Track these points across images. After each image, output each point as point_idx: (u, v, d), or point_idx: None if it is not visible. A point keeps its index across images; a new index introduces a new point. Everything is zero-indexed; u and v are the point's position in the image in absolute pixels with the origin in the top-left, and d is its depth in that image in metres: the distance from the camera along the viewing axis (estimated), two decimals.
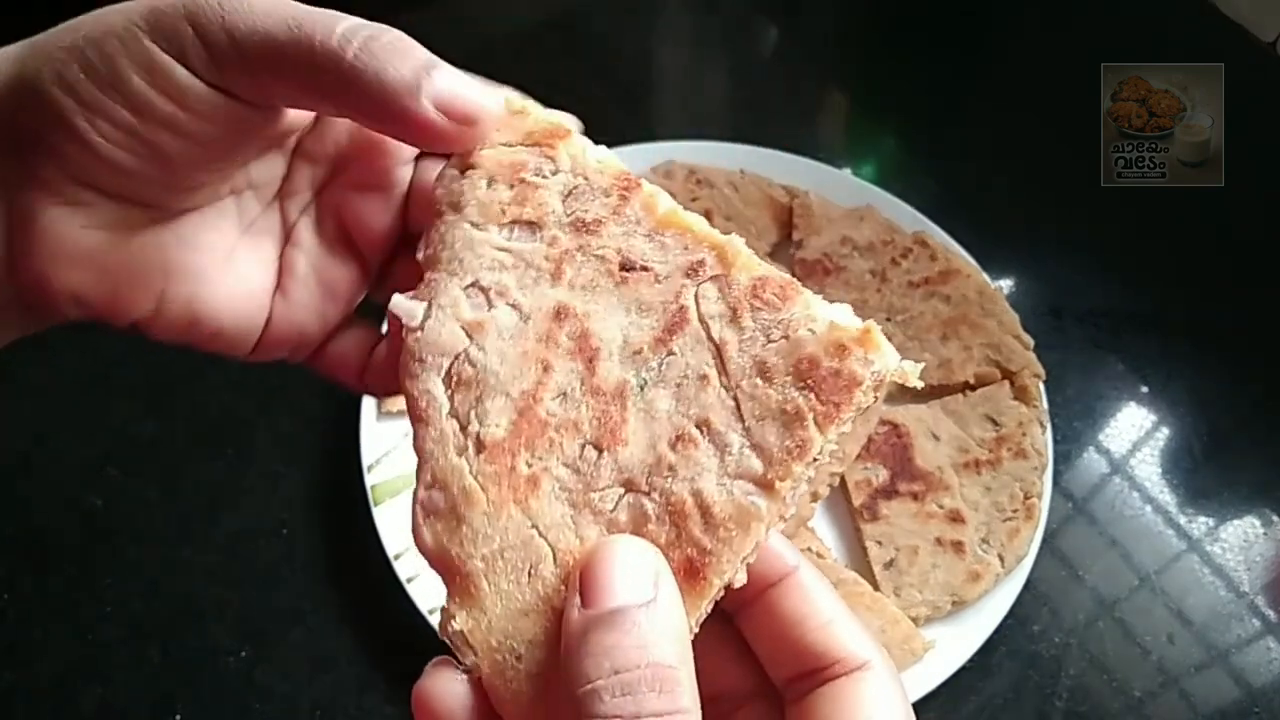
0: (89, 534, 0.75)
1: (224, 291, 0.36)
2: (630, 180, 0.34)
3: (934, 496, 0.77)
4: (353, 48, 0.31)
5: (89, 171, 0.31)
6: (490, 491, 0.31)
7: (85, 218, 0.32)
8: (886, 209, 0.92)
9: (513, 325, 0.33)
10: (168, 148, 0.32)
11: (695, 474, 0.29)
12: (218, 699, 0.69)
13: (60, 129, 0.31)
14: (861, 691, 0.30)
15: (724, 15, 1.22)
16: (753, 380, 0.30)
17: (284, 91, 0.32)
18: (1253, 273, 0.97)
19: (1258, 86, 1.02)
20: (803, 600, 0.32)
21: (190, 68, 0.31)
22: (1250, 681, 0.73)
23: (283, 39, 0.30)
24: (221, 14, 0.30)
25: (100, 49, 0.30)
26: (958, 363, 0.83)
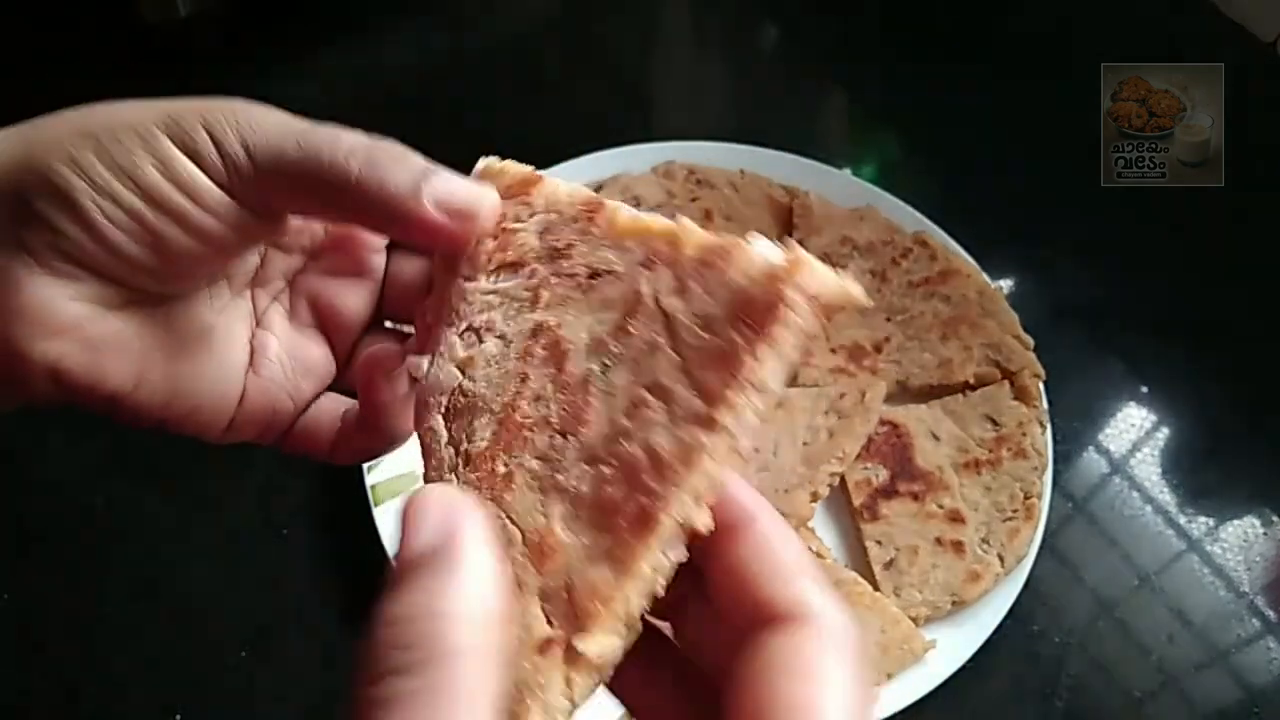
0: (89, 534, 0.75)
1: (200, 367, 0.37)
2: (594, 202, 0.35)
3: (934, 496, 0.77)
4: (357, 161, 0.33)
5: (85, 251, 0.32)
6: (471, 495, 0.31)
7: (71, 290, 0.32)
8: (886, 209, 0.92)
9: (497, 352, 0.34)
10: (170, 238, 0.33)
11: (648, 431, 0.29)
12: (218, 699, 0.69)
13: (65, 207, 0.31)
14: (791, 645, 0.26)
15: (724, 15, 1.22)
16: (698, 335, 0.30)
17: (292, 203, 0.35)
18: (1253, 273, 0.97)
19: (1258, 86, 1.02)
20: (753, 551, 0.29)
21: (204, 169, 0.32)
22: (1250, 681, 0.73)
23: (293, 156, 0.33)
24: (237, 127, 0.33)
25: (116, 138, 0.32)
26: (958, 363, 0.83)
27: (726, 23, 1.21)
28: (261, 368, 0.39)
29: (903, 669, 0.69)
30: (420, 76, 1.08)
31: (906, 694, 0.68)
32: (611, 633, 0.28)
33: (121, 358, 0.34)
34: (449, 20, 1.12)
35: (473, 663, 0.23)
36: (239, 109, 0.33)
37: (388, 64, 1.09)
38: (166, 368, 0.36)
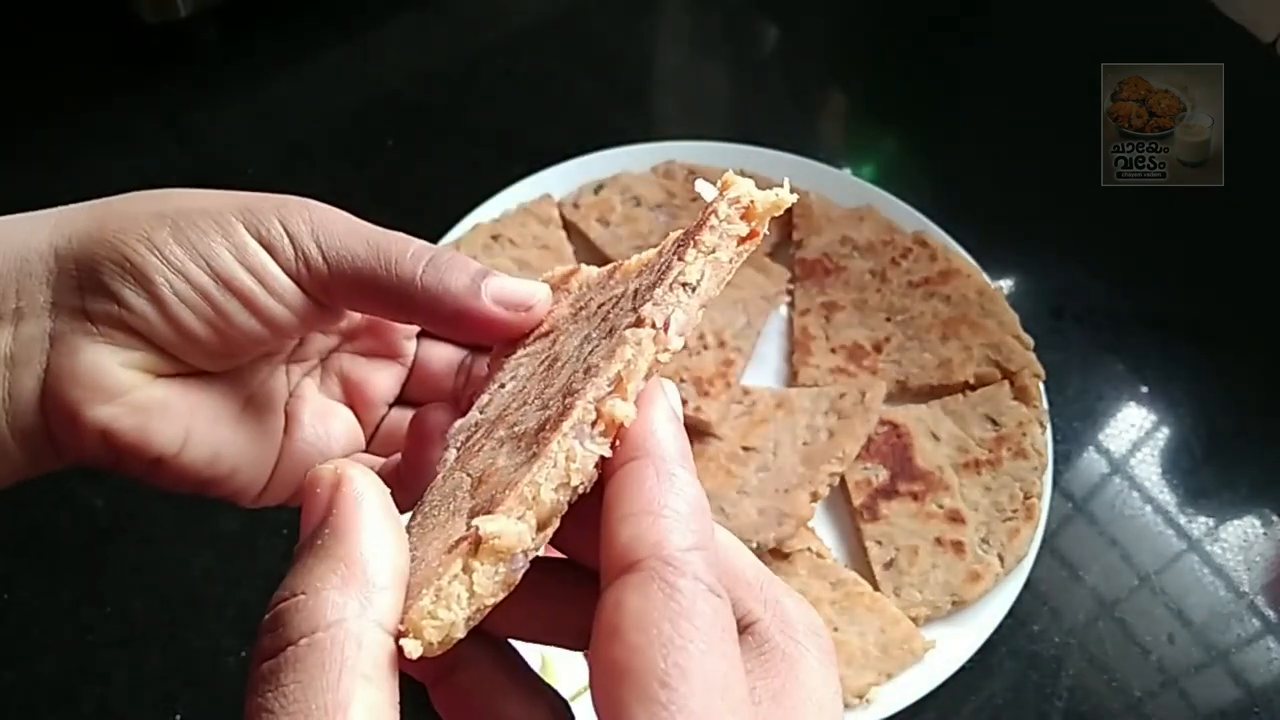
0: (90, 534, 0.75)
1: (240, 432, 0.39)
2: (616, 265, 0.37)
3: (934, 496, 0.77)
4: (421, 265, 0.35)
5: (145, 323, 0.34)
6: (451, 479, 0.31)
7: (123, 357, 0.34)
8: (886, 209, 0.92)
9: (511, 388, 0.35)
10: (234, 317, 0.35)
11: (592, 358, 0.29)
12: (218, 699, 0.69)
13: (134, 281, 0.33)
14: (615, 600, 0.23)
15: (724, 15, 1.22)
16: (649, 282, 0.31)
17: (355, 302, 0.37)
18: (1253, 273, 0.97)
19: (1258, 86, 1.02)
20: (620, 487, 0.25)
21: (277, 260, 0.35)
22: (1250, 681, 0.73)
23: (363, 258, 0.35)
24: (311, 224, 0.35)
25: (193, 222, 0.34)
26: (958, 363, 0.83)
27: (726, 23, 1.21)
28: (296, 433, 0.41)
29: (903, 669, 0.69)
30: (420, 76, 1.08)
31: (907, 694, 0.69)
32: (513, 516, 0.25)
33: (167, 422, 0.36)
34: (449, 20, 1.12)
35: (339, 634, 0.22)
36: (314, 209, 0.35)
37: (388, 64, 1.09)
38: (209, 432, 0.37)
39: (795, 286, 0.89)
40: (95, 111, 1.00)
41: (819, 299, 0.88)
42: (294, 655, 0.21)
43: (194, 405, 0.37)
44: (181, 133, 1.01)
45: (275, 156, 1.00)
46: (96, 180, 0.96)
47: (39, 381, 0.33)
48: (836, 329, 0.86)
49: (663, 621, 0.21)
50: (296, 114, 1.05)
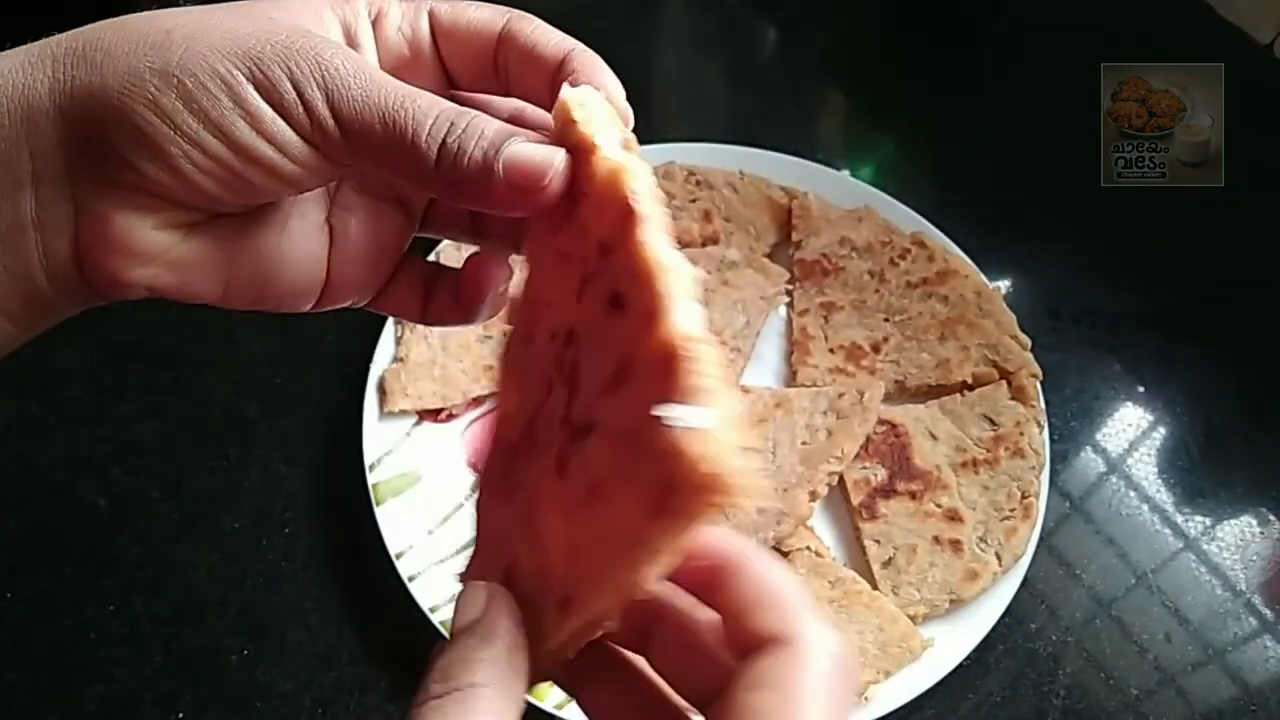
0: (91, 533, 0.76)
1: (284, 265, 0.38)
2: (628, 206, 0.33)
3: (932, 495, 0.77)
4: (437, 143, 0.32)
5: (166, 189, 0.33)
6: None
7: (157, 219, 0.34)
8: (885, 210, 0.92)
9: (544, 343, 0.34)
10: (255, 181, 0.33)
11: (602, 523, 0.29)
12: (219, 697, 0.69)
13: (150, 154, 0.32)
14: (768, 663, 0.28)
15: (724, 16, 1.22)
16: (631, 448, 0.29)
17: (369, 165, 0.34)
18: (1252, 273, 0.97)
19: (1257, 86, 1.02)
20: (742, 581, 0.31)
21: (291, 124, 0.32)
22: (1247, 680, 0.74)
23: (380, 131, 0.32)
24: (325, 87, 0.32)
25: (202, 85, 0.31)
26: (955, 363, 0.84)
27: (725, 24, 1.21)
28: (343, 247, 0.40)
29: (900, 667, 0.70)
30: None
31: (904, 692, 0.69)
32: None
33: (207, 273, 0.36)
34: None
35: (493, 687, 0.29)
36: (326, 63, 0.32)
37: None
38: (252, 271, 0.37)
39: (794, 287, 0.90)
40: None
41: (817, 299, 0.88)
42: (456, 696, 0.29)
43: (233, 252, 0.36)
44: None
45: None
46: None
47: (72, 245, 0.33)
48: (835, 329, 0.87)
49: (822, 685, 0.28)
50: None
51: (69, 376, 0.84)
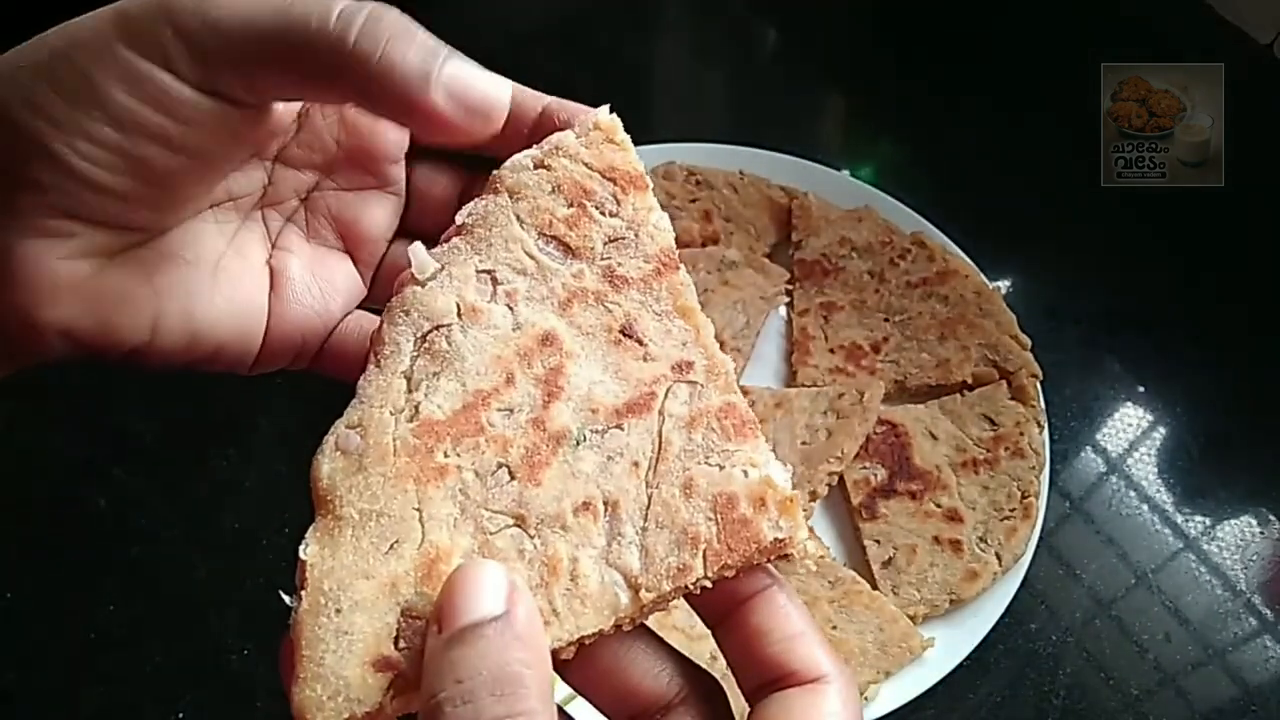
0: (92, 533, 0.76)
1: (219, 304, 0.34)
2: (671, 259, 0.34)
3: (932, 495, 0.77)
4: (354, 31, 0.29)
5: (69, 198, 0.29)
6: (400, 459, 0.31)
7: (65, 248, 0.30)
8: (885, 210, 0.92)
9: (503, 326, 0.33)
10: (154, 162, 0.30)
11: (581, 543, 0.30)
12: (220, 697, 0.69)
13: (35, 156, 0.28)
14: (809, 703, 0.30)
15: (724, 18, 1.22)
16: (673, 489, 0.31)
17: (280, 83, 0.30)
18: (1251, 273, 0.97)
19: (1257, 87, 1.02)
20: (770, 615, 0.32)
21: (175, 72, 0.29)
22: (1247, 679, 0.74)
23: (274, 26, 0.28)
24: (201, 9, 0.28)
25: (70, 63, 0.28)
26: (955, 363, 0.84)
27: (726, 26, 1.21)
28: (284, 290, 0.36)
29: (901, 667, 0.70)
30: None
31: (905, 691, 0.69)
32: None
33: (132, 310, 0.32)
34: (449, 22, 1.11)
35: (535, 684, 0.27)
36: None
37: None
38: (182, 310, 0.33)
39: (794, 287, 0.90)
40: None
41: (817, 299, 0.88)
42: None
43: (158, 286, 0.32)
44: None
45: None
46: None
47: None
48: (835, 329, 0.87)
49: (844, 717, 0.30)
50: None
51: (69, 377, 0.84)
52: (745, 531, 0.30)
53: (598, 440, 0.32)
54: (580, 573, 0.30)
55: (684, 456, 0.31)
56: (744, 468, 0.31)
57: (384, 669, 0.29)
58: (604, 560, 0.30)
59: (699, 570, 0.30)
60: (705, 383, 0.32)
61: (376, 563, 0.30)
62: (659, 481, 0.31)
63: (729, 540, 0.30)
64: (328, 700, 0.29)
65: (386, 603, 0.29)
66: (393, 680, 0.29)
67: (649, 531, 0.30)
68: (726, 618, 0.33)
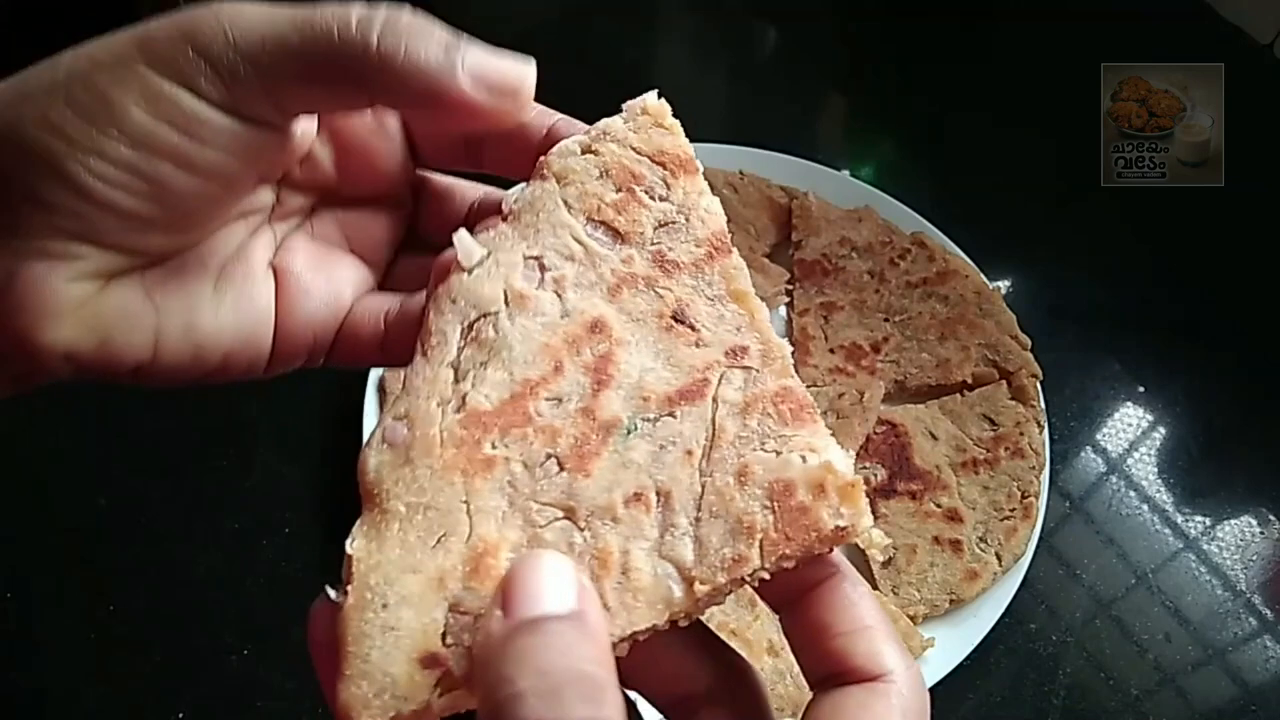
0: (92, 533, 0.76)
1: (222, 314, 0.34)
2: (723, 243, 0.34)
3: (932, 495, 0.77)
4: (375, 33, 0.29)
5: (80, 220, 0.29)
6: (448, 451, 0.31)
7: (70, 270, 0.30)
8: (885, 210, 0.92)
9: (551, 314, 0.32)
10: (170, 183, 0.29)
11: (632, 535, 0.29)
12: (221, 697, 0.69)
13: (49, 176, 0.28)
14: (863, 702, 0.29)
15: (724, 17, 1.22)
16: (727, 477, 0.30)
17: (305, 96, 0.30)
18: (1251, 273, 0.97)
19: (1257, 87, 1.02)
20: (833, 607, 0.31)
21: (196, 91, 0.29)
22: (1247, 680, 0.74)
23: (297, 41, 0.28)
24: (224, 29, 0.28)
25: (88, 83, 0.28)
26: (955, 363, 0.84)
27: (726, 25, 1.21)
28: (290, 287, 0.36)
29: None
30: None
31: None
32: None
33: (133, 330, 0.31)
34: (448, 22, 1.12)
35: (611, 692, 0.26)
36: (220, 9, 0.29)
37: None
38: (184, 324, 0.33)
39: (794, 287, 0.90)
40: None
41: (818, 299, 0.88)
42: None
43: (160, 302, 0.32)
44: None
45: None
46: None
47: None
48: (835, 329, 0.87)
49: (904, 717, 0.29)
50: None
51: None
52: (804, 520, 0.29)
53: (649, 429, 0.31)
54: (632, 566, 0.29)
55: (739, 443, 0.30)
56: (802, 453, 0.30)
57: (431, 666, 0.28)
58: (656, 552, 0.29)
59: (755, 561, 0.29)
60: (760, 368, 0.31)
61: (424, 557, 0.29)
62: (713, 470, 0.30)
63: (786, 529, 0.29)
64: (374, 698, 0.28)
65: (434, 598, 0.29)
66: (440, 678, 0.28)
67: (703, 522, 0.29)
68: (789, 607, 0.32)
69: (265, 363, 0.36)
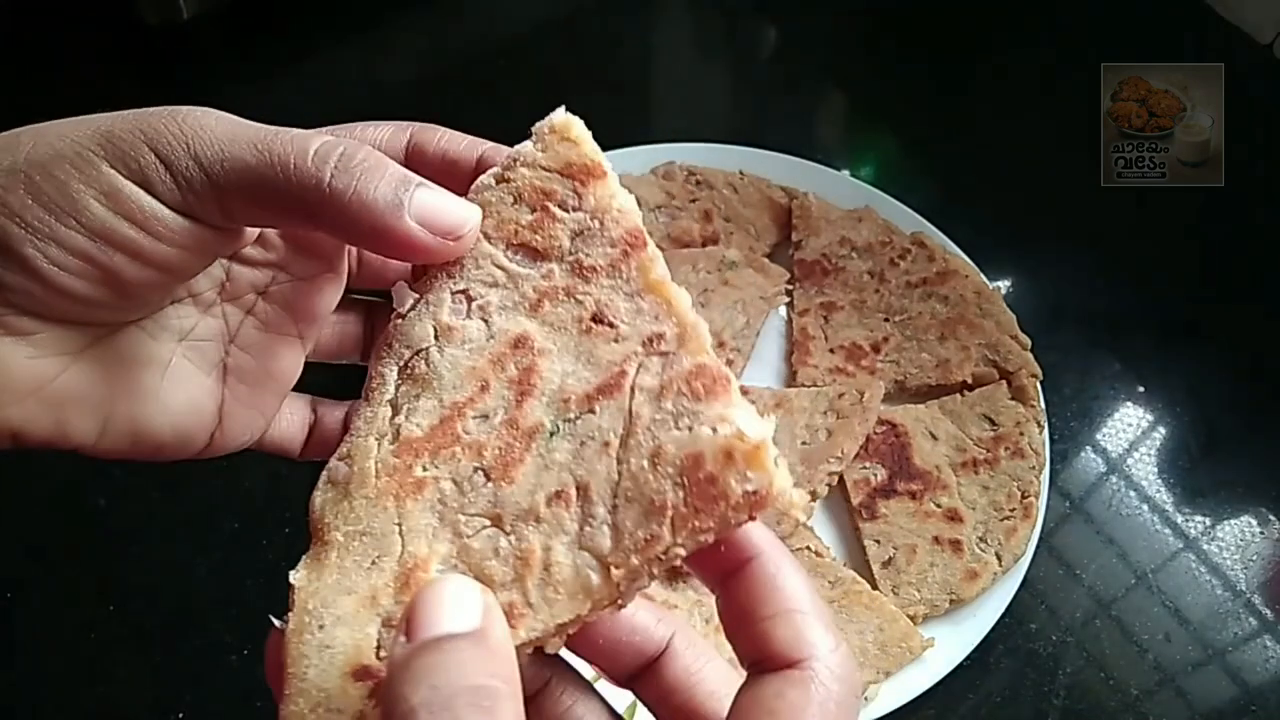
0: (92, 533, 0.76)
1: (168, 406, 0.35)
2: (638, 238, 0.34)
3: (932, 495, 0.77)
4: (329, 168, 0.30)
5: (32, 299, 0.30)
6: (382, 480, 0.32)
7: (31, 348, 0.31)
8: (885, 210, 0.92)
9: (478, 339, 0.33)
10: (123, 271, 0.31)
11: (554, 532, 0.30)
12: (220, 697, 0.69)
13: (5, 258, 0.29)
14: (780, 690, 0.28)
15: (724, 17, 1.22)
16: (641, 461, 0.30)
17: (256, 214, 0.32)
18: (1251, 273, 0.97)
19: (1257, 87, 1.02)
20: (757, 589, 0.30)
21: (154, 193, 0.30)
22: (1247, 680, 0.74)
23: (254, 164, 0.30)
24: (185, 140, 0.30)
25: (49, 173, 0.29)
26: (955, 363, 0.84)
27: (726, 25, 1.21)
28: (237, 389, 0.38)
29: (901, 667, 0.70)
30: (420, 78, 1.08)
31: (905, 691, 0.69)
32: None
33: (84, 410, 0.33)
34: (449, 22, 1.12)
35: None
36: (184, 118, 0.30)
37: (388, 65, 1.09)
38: (130, 413, 0.34)
39: (794, 287, 0.90)
40: (96, 111, 1.00)
41: (818, 299, 0.88)
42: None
43: (113, 388, 0.33)
44: None
45: None
46: None
47: None
48: (835, 329, 0.87)
49: (822, 715, 0.28)
50: (297, 116, 1.04)
51: None
52: (712, 490, 0.28)
53: (570, 429, 0.31)
54: (554, 561, 0.30)
55: (654, 426, 0.30)
56: (713, 425, 0.29)
57: (364, 678, 0.29)
58: (576, 545, 0.30)
59: (667, 539, 0.28)
60: (676, 349, 0.31)
61: (359, 578, 0.30)
62: (629, 456, 0.30)
63: (696, 502, 0.28)
64: (309, 713, 0.29)
65: (367, 614, 0.30)
66: (373, 689, 0.29)
67: (619, 509, 0.29)
68: (720, 590, 0.32)
69: (196, 453, 0.38)
